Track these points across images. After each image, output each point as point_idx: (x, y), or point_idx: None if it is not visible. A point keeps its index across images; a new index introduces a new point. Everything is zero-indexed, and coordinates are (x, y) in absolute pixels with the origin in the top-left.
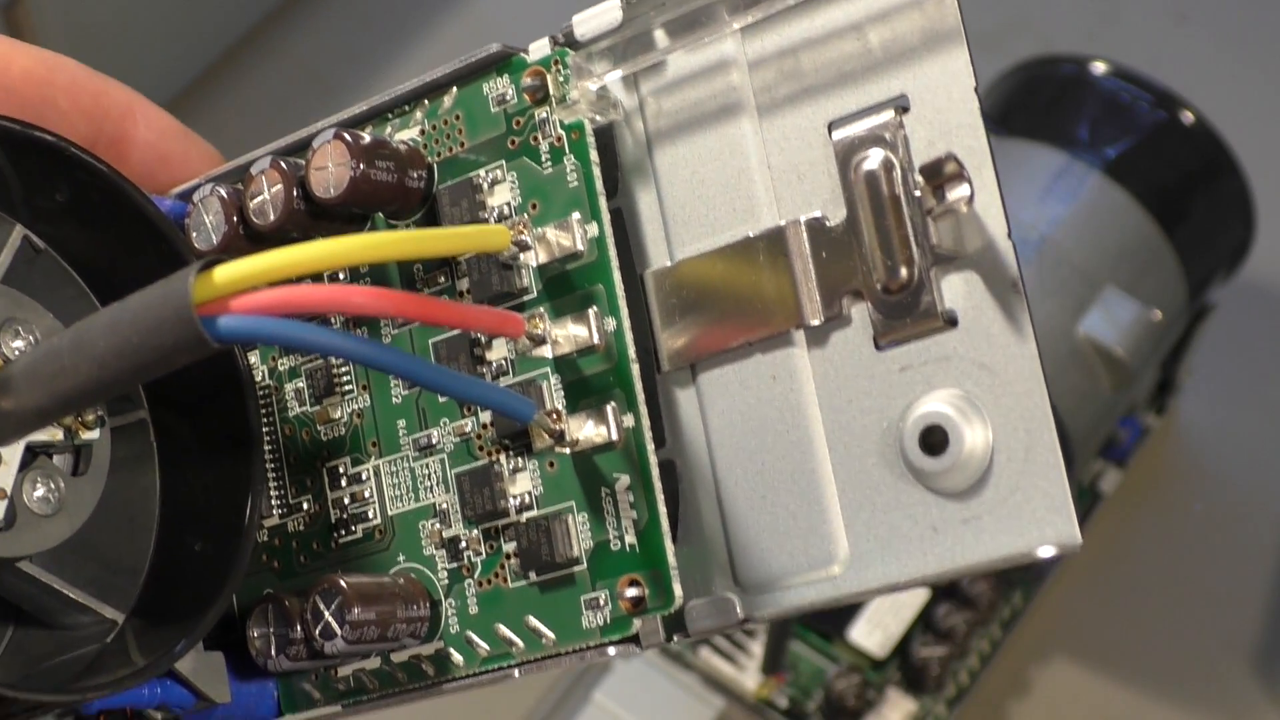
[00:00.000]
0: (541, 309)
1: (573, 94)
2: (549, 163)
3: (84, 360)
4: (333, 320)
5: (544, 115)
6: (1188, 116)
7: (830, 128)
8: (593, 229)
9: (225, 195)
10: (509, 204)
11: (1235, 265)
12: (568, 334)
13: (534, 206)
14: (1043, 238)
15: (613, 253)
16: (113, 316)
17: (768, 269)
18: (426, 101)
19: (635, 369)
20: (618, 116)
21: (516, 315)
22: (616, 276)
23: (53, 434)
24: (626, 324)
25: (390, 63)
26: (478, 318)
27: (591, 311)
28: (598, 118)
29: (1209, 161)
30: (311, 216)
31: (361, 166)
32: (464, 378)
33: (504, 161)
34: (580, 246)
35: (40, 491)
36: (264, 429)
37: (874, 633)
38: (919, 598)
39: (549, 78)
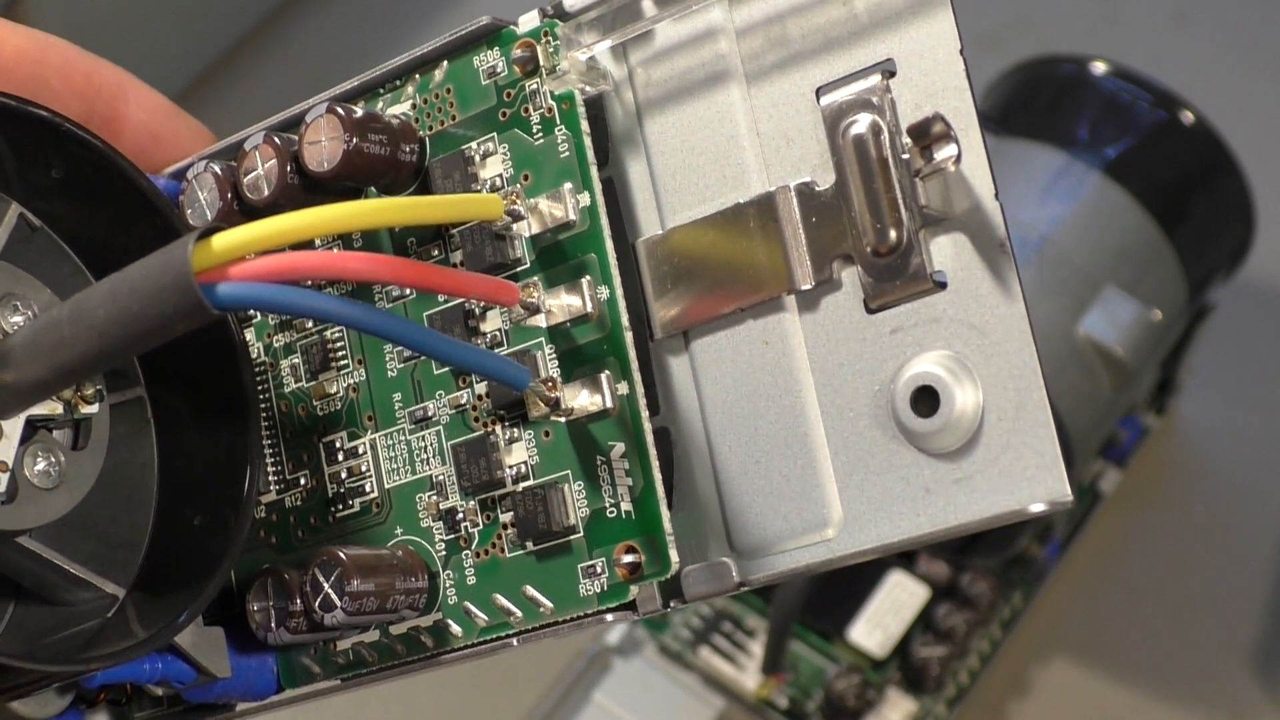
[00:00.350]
0: (535, 279)
1: (562, 64)
2: (540, 134)
3: (84, 330)
4: (329, 289)
5: (534, 86)
6: (1188, 116)
7: (818, 93)
8: (584, 199)
9: (220, 172)
10: (501, 176)
11: (1235, 265)
12: (561, 303)
13: (526, 178)
14: (1043, 238)
15: (604, 222)
16: (112, 286)
17: (758, 235)
18: (418, 76)
19: (629, 337)
20: (608, 87)
21: (511, 283)
22: (609, 245)
23: (52, 408)
24: (619, 292)
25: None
26: (472, 284)
27: (584, 281)
28: (588, 88)
29: (1209, 161)
30: (305, 190)
31: (354, 140)
32: (460, 343)
33: (495, 134)
34: (572, 216)
35: (41, 465)
36: (260, 403)
37: (874, 633)
38: (919, 598)
39: (539, 49)
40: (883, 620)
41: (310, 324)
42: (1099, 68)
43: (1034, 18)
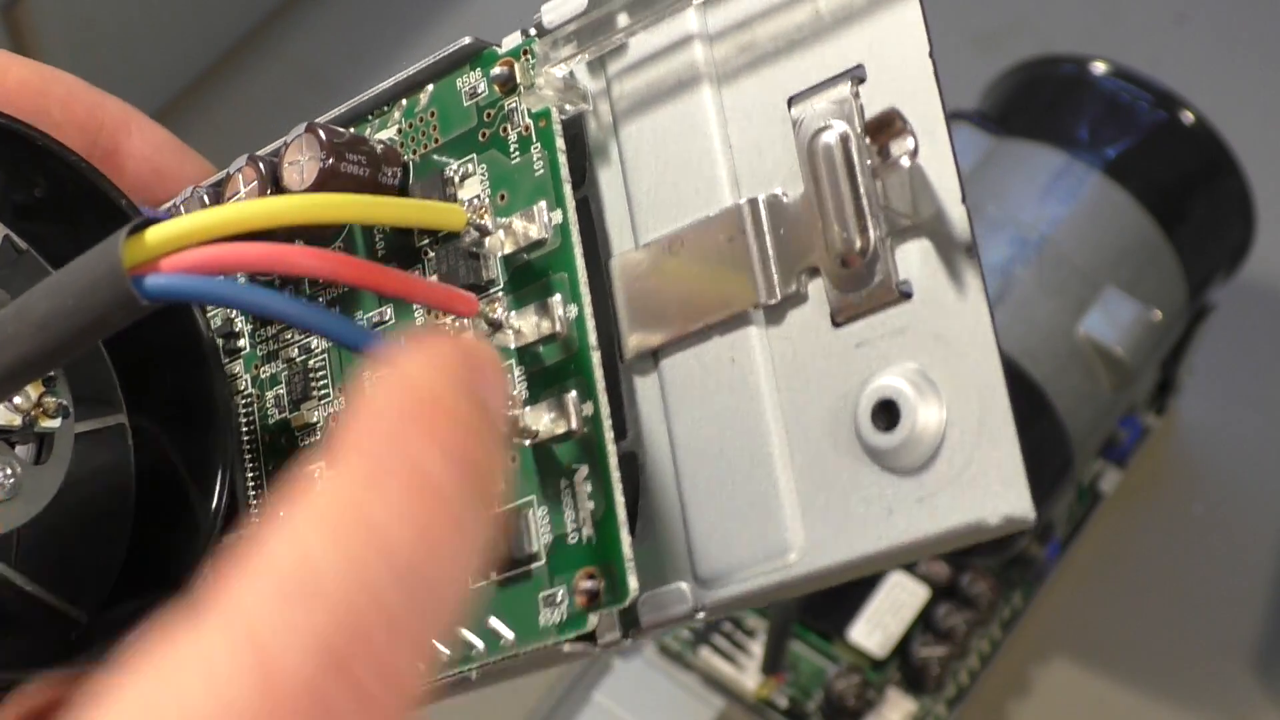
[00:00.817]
0: (505, 298)
1: (539, 81)
2: (517, 152)
3: (26, 326)
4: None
5: (513, 105)
6: (1188, 116)
7: (789, 103)
8: (557, 216)
9: (207, 199)
10: (479, 196)
11: (1235, 265)
12: (531, 323)
13: (502, 197)
14: (1043, 238)
15: (576, 239)
16: (52, 281)
17: (726, 250)
18: (404, 100)
19: (595, 357)
20: (586, 106)
21: (469, 294)
22: (579, 263)
23: (10, 419)
24: (588, 311)
25: (391, 64)
26: (425, 291)
27: (554, 299)
28: (566, 106)
29: (1209, 161)
30: None
31: (331, 159)
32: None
33: (475, 155)
34: (544, 234)
35: None
36: (245, 436)
37: (874, 633)
38: (919, 598)
39: (517, 67)
40: (883, 620)
41: (295, 354)
42: (1099, 68)
43: (1034, 18)
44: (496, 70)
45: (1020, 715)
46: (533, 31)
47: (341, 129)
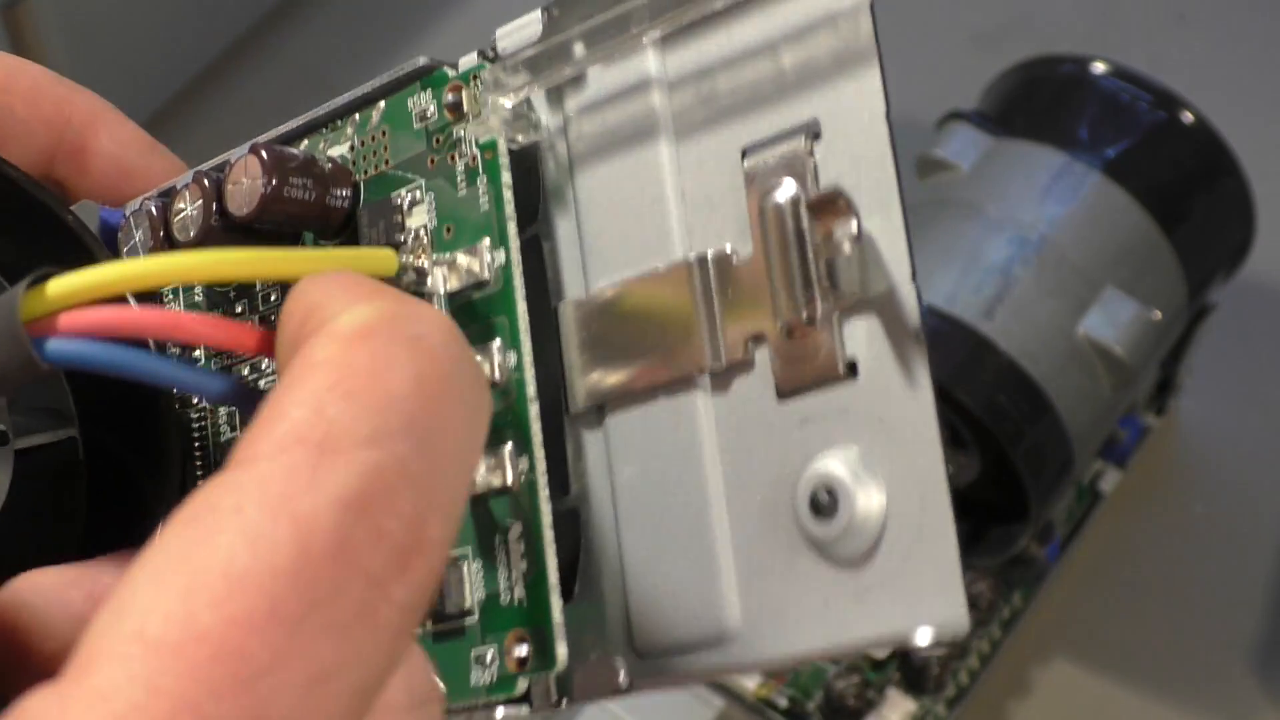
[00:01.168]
0: None
1: (486, 109)
2: (464, 184)
3: None
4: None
5: (461, 133)
6: (1188, 116)
7: (744, 154)
8: (500, 256)
9: (155, 211)
10: (425, 226)
11: (1235, 265)
12: None
13: (448, 230)
14: (1042, 238)
15: (518, 283)
16: None
17: (674, 305)
18: (357, 116)
19: (533, 409)
20: (538, 137)
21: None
22: (521, 309)
23: None
24: (528, 360)
25: (391, 64)
26: None
27: (494, 344)
28: (518, 138)
29: (1209, 161)
30: (228, 232)
31: (274, 182)
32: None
33: (423, 181)
34: (487, 274)
35: None
36: (197, 454)
37: None
38: None
39: (465, 93)
40: None
41: (246, 371)
42: (1099, 68)
43: (1034, 18)
44: (448, 96)
45: (1020, 715)
46: (489, 54)
47: (291, 150)
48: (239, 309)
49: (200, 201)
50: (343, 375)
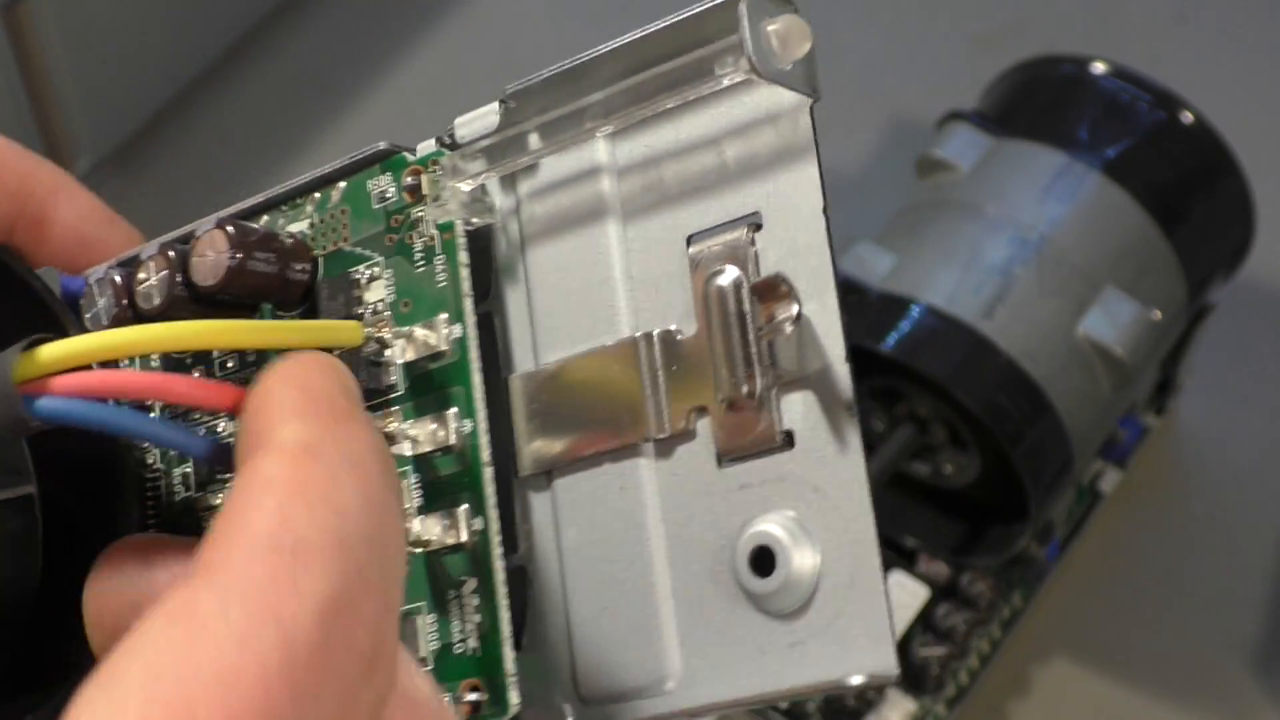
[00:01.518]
0: (404, 405)
1: (445, 194)
2: (422, 261)
3: None
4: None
5: (420, 214)
6: (1187, 116)
7: (689, 241)
8: (456, 330)
9: (119, 279)
10: (383, 301)
11: (1235, 265)
12: (428, 431)
13: (406, 305)
14: (1042, 238)
15: (474, 355)
16: None
17: (621, 379)
18: (318, 195)
19: (488, 473)
20: (493, 219)
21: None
22: (476, 379)
23: None
24: (483, 427)
25: (391, 65)
26: None
27: (450, 412)
28: (474, 220)
29: (1209, 161)
30: (193, 302)
31: (239, 256)
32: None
33: (382, 258)
34: (444, 347)
35: None
36: (151, 516)
37: None
38: (919, 598)
39: (425, 178)
40: None
41: (202, 433)
42: (1099, 68)
43: (1034, 18)
44: (407, 179)
45: (1020, 715)
46: (446, 140)
47: (252, 225)
48: (195, 374)
49: (165, 272)
50: (300, 490)
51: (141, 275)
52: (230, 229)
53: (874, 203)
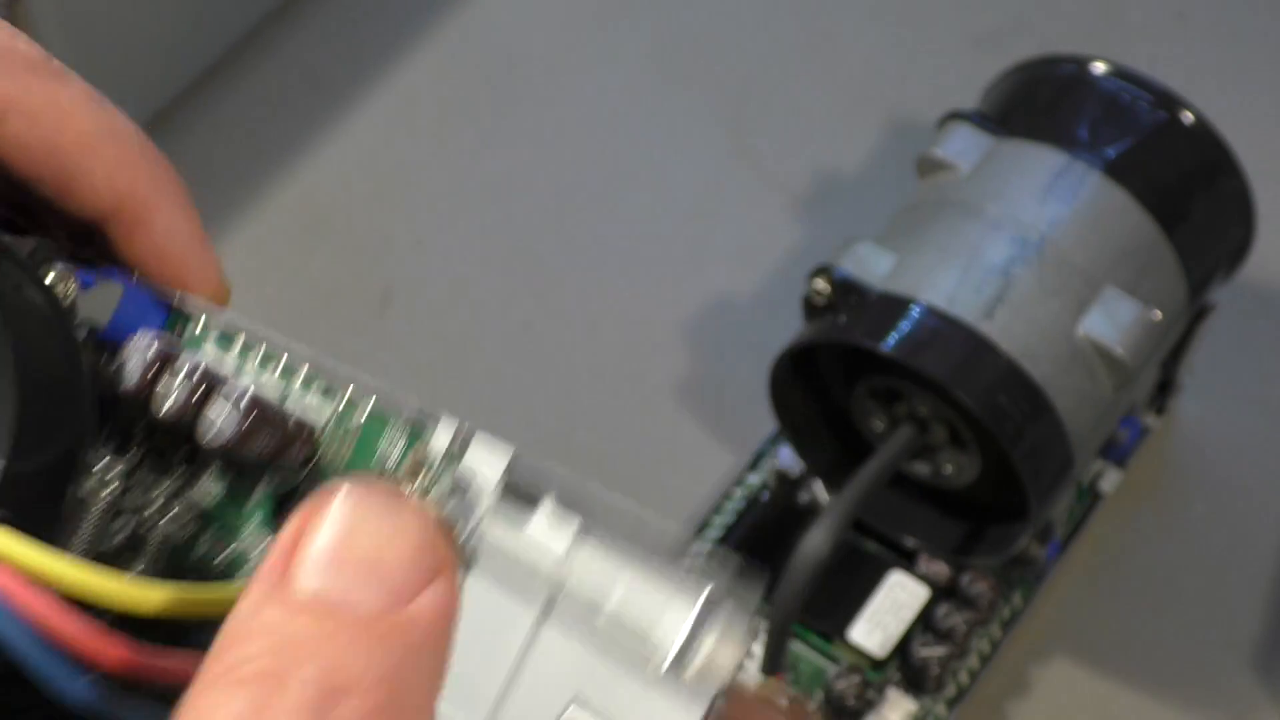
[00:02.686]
0: None
1: (437, 486)
2: None
3: None
4: None
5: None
6: (1188, 116)
7: (572, 701)
8: None
9: (149, 359)
10: None
11: (1235, 265)
12: None
13: None
14: (1043, 238)
15: None
16: None
17: None
18: (342, 402)
19: None
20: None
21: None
22: None
23: None
24: None
25: (390, 65)
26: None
27: None
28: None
29: (1209, 161)
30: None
31: (244, 428)
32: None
33: None
34: None
35: None
36: None
37: (874, 633)
38: (919, 598)
39: (424, 472)
40: (882, 620)
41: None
42: (1099, 68)
43: (1034, 18)
44: (411, 458)
45: (1020, 715)
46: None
47: (274, 408)
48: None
49: (185, 397)
50: None
51: (169, 378)
52: (255, 404)
53: (874, 203)
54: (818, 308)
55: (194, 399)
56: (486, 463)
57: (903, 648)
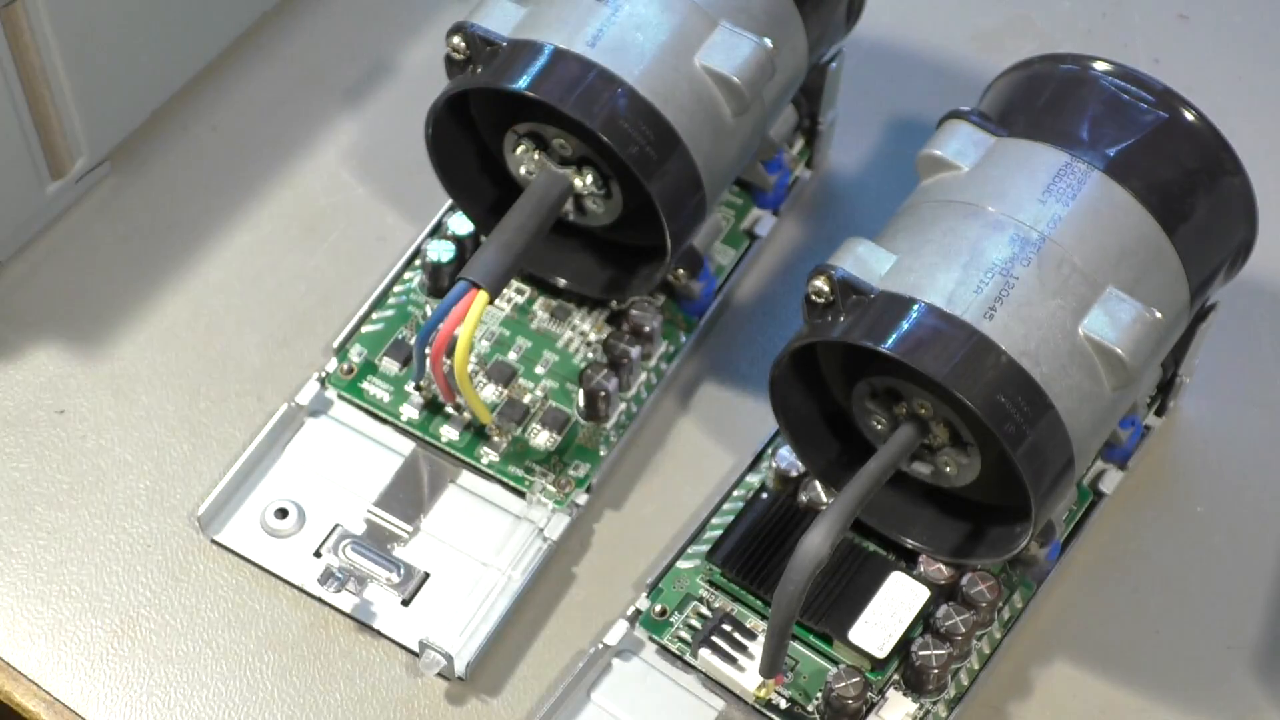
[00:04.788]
0: None
1: None
2: None
3: None
4: None
5: None
6: (1189, 115)
7: None
8: None
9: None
10: None
11: (1236, 265)
12: None
13: None
14: (1043, 237)
15: None
16: None
17: None
18: None
19: None
20: None
21: None
22: None
23: None
24: None
25: (389, 64)
26: None
27: None
28: None
29: (1210, 160)
30: None
31: None
32: None
33: None
34: None
35: None
36: None
37: (874, 634)
38: (919, 598)
39: None
40: (883, 621)
41: None
42: (1100, 67)
43: (1034, 16)
44: None
45: (1020, 715)
46: None
47: None
48: None
49: None
50: None
51: None
52: None
53: (874, 202)
54: (818, 307)
55: None
56: None
57: (903, 649)
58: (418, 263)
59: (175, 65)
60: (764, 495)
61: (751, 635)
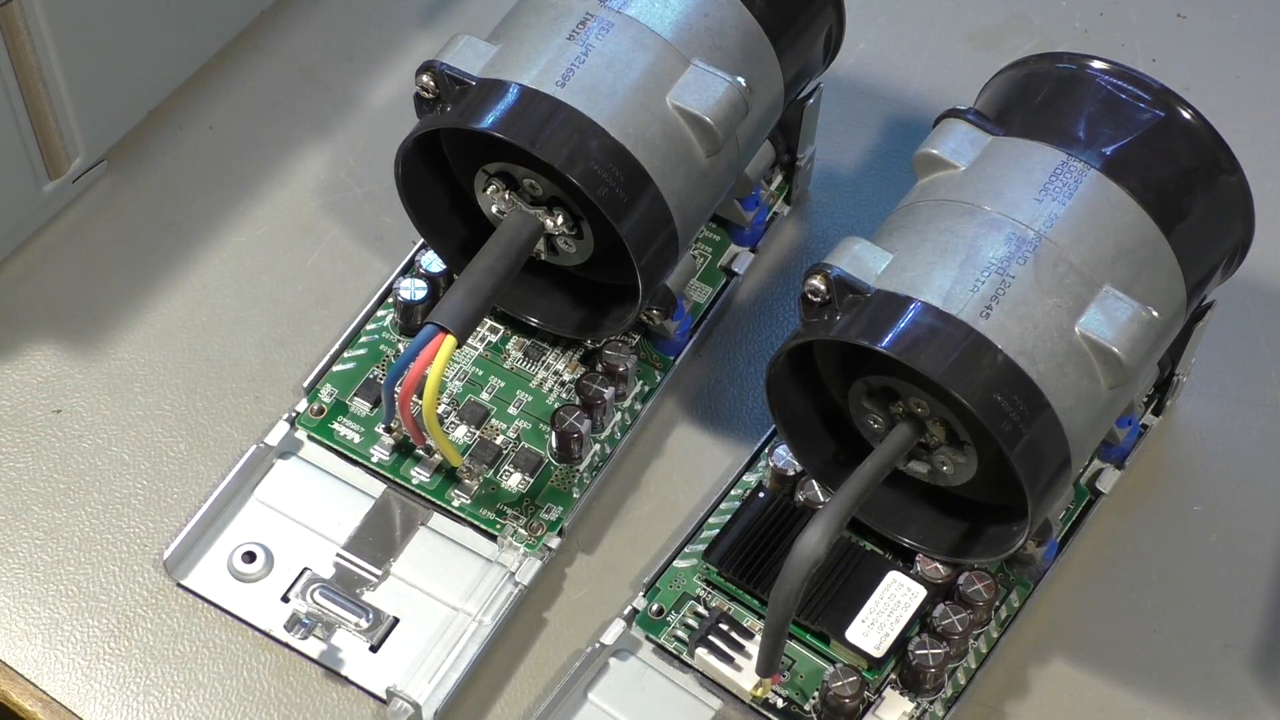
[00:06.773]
0: None
1: None
2: None
3: None
4: None
5: None
6: (1186, 114)
7: None
8: None
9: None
10: None
11: (1234, 264)
12: None
13: None
14: (1040, 236)
15: None
16: None
17: None
18: None
19: None
20: None
21: None
22: None
23: None
24: None
25: (387, 63)
26: None
27: None
28: None
29: (1208, 159)
30: None
31: None
32: None
33: None
34: None
35: None
36: None
37: (871, 633)
38: (916, 598)
39: None
40: (880, 620)
41: None
42: (1097, 66)
43: (1032, 15)
44: None
45: (1018, 715)
46: None
47: None
48: None
49: None
50: None
51: None
52: None
53: (872, 201)
54: (814, 306)
55: None
56: None
57: (900, 648)
58: (390, 300)
59: (172, 65)
60: (761, 494)
61: (748, 634)
